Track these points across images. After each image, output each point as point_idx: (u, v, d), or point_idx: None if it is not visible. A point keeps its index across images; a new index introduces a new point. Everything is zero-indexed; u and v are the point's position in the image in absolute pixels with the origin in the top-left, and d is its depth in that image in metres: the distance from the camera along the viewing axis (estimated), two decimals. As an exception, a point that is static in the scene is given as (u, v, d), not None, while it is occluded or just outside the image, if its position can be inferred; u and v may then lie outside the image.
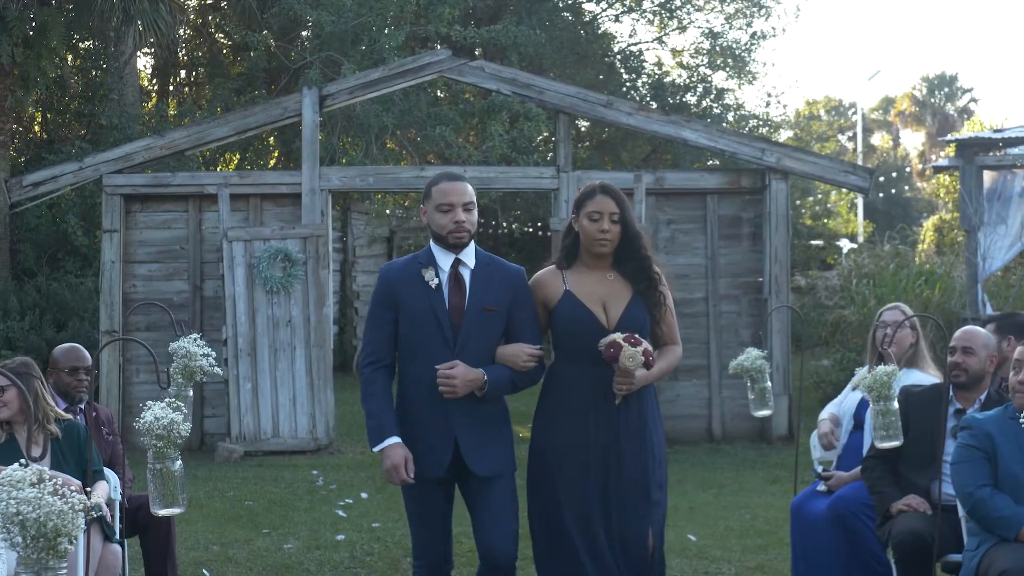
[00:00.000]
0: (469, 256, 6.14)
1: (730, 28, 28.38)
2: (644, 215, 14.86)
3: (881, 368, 6.70)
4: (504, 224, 28.01)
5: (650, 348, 5.90)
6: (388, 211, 24.98)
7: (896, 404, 6.74)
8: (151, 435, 5.33)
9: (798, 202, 32.65)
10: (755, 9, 28.20)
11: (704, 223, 15.70)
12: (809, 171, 15.91)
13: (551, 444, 6.12)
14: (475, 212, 6.16)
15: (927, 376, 7.81)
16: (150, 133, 18.74)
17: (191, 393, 7.02)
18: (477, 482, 6.09)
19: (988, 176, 16.98)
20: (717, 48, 28.26)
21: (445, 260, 6.12)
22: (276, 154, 25.35)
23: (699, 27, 28.71)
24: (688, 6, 28.18)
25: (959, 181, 17.37)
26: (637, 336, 5.88)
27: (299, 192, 15.19)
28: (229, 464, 14.15)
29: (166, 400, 5.50)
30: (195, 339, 7.07)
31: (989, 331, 7.91)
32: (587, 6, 28.76)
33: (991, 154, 17.05)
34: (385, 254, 26.33)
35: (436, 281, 6.06)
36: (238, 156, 24.15)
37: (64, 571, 3.76)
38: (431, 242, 6.21)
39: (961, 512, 6.55)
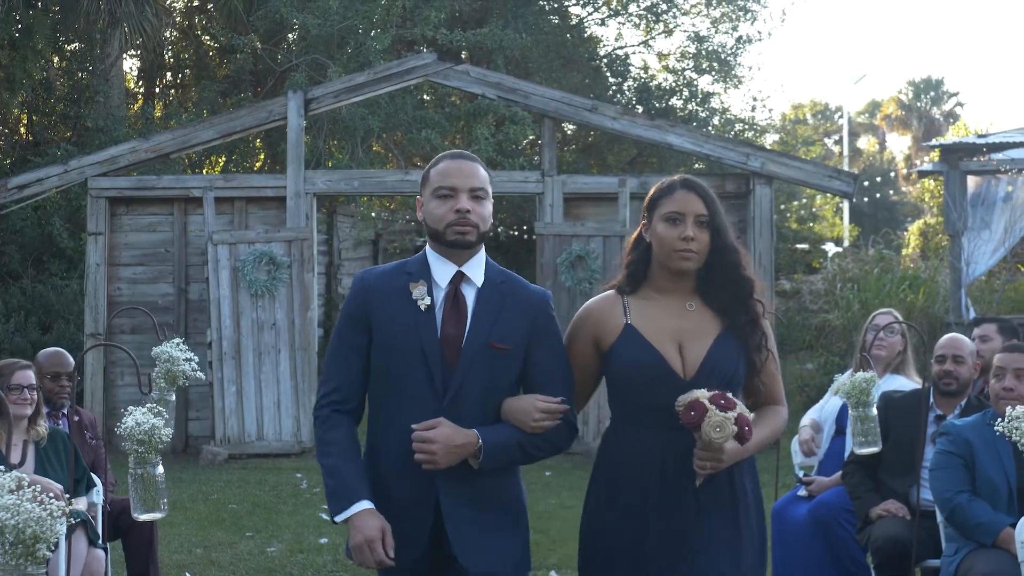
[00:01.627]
0: (476, 268, 4.54)
1: (716, 32, 28.43)
2: (628, 219, 14.90)
3: (860, 374, 6.72)
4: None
5: (747, 414, 4.26)
6: (374, 214, 24.98)
7: (875, 411, 6.77)
8: (132, 440, 5.34)
9: (783, 206, 32.70)
10: (741, 13, 28.25)
11: (689, 227, 15.69)
12: (793, 176, 15.92)
13: (601, 543, 4.51)
14: (488, 204, 4.56)
15: (910, 382, 7.84)
16: (136, 135, 18.74)
17: (173, 398, 7.04)
18: None
19: (972, 181, 17.05)
20: (703, 52, 28.31)
21: (443, 272, 4.51)
22: (262, 157, 25.36)
23: (685, 31, 28.76)
24: (674, 10, 28.22)
25: (943, 186, 17.42)
26: (729, 396, 4.24)
27: (284, 195, 15.20)
28: (213, 467, 14.16)
29: (147, 405, 5.51)
30: (177, 344, 7.09)
31: (990, 332, 7.98)
32: (573, 9, 28.80)
33: (975, 159, 17.11)
34: (371, 257, 26.36)
35: (427, 301, 4.44)
36: (224, 158, 24.15)
37: (43, 576, 3.80)
38: (427, 246, 4.62)
39: (939, 518, 6.59)
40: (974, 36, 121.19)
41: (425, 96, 23.57)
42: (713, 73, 28.48)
